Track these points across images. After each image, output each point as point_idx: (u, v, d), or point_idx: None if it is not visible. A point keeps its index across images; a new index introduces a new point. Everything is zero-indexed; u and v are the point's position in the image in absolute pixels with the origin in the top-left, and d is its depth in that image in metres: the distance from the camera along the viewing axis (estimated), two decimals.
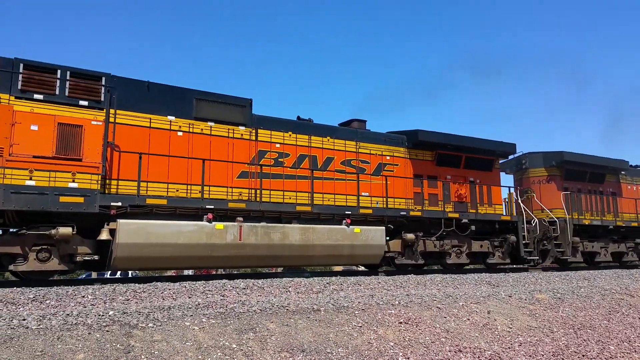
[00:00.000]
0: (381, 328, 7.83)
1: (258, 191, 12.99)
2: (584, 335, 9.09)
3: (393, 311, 8.59)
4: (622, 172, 22.27)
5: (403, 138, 16.24)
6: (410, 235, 14.96)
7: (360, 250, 13.80)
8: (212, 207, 11.99)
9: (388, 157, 15.74)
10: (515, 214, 17.59)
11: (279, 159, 13.73)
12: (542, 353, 8.03)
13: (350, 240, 13.62)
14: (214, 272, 18.92)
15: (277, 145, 13.81)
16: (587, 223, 19.57)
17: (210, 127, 12.80)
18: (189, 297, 8.84)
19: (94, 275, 19.48)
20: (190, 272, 19.60)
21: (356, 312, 8.32)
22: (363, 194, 14.72)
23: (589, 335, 9.13)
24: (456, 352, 7.50)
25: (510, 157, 19.09)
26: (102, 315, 6.94)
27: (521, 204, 18.24)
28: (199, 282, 10.47)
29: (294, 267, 16.83)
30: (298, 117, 14.87)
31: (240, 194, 12.88)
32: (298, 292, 9.97)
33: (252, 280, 11.02)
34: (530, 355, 7.87)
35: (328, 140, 14.72)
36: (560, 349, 8.32)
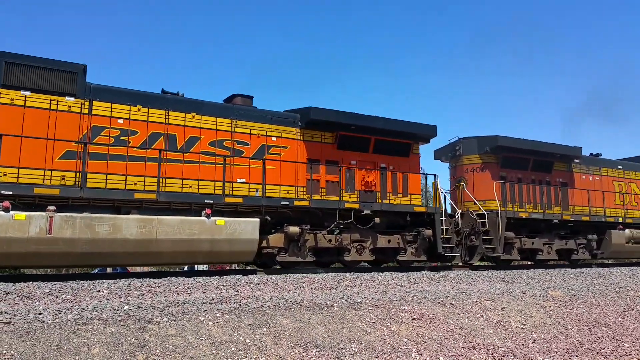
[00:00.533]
0: (394, 324, 7.83)
1: (89, 175, 11.09)
2: (599, 333, 9.01)
3: (406, 307, 8.58)
4: (576, 160, 19.65)
5: (296, 117, 14.16)
6: (294, 229, 13.01)
7: (224, 245, 11.81)
8: (10, 192, 10.12)
9: (274, 139, 13.65)
10: (437, 205, 15.71)
11: (122, 138, 11.73)
12: (556, 350, 7.98)
13: (210, 234, 11.62)
14: (228, 268, 18.96)
15: (120, 121, 11.77)
16: (524, 216, 17.34)
17: (25, 97, 10.83)
18: (203, 292, 8.90)
19: (108, 270, 19.64)
20: (204, 267, 19.52)
21: (369, 308, 8.32)
22: (238, 180, 12.80)
23: (604, 333, 9.05)
24: (470, 349, 7.48)
25: (433, 140, 16.61)
26: (117, 310, 7.02)
27: (441, 193, 16.18)
28: (213, 277, 10.55)
29: (133, 266, 14.82)
30: (163, 90, 12.90)
31: (64, 178, 10.92)
32: (311, 288, 9.99)
33: (266, 275, 11.08)
34: (544, 352, 7.82)
35: (193, 117, 12.63)
36: (574, 346, 8.26)
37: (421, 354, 7.05)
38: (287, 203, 13.14)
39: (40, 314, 6.62)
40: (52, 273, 14.89)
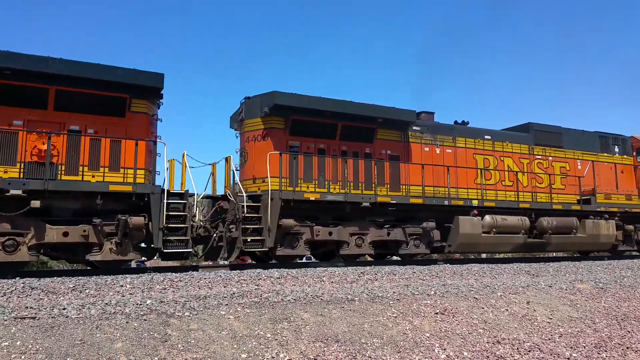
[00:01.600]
0: (417, 318, 7.73)
1: None
2: (628, 327, 8.77)
3: (429, 301, 8.48)
4: (415, 128, 15.37)
5: None
6: None
7: None
8: None
9: None
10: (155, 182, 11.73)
11: None
12: (584, 345, 7.79)
13: None
14: (249, 262, 19.05)
15: None
16: (313, 198, 12.94)
17: None
18: (224, 286, 8.92)
19: (132, 264, 19.90)
20: (225, 262, 19.55)
21: (391, 302, 8.24)
22: None
23: (634, 327, 8.81)
24: (494, 344, 7.34)
25: (159, 98, 12.23)
26: (140, 304, 7.07)
27: (165, 166, 11.94)
28: (234, 271, 10.58)
29: None
30: None
31: None
32: (332, 282, 9.95)
33: (286, 269, 11.05)
34: (571, 347, 7.64)
35: None
36: (603, 340, 8.06)
37: (444, 349, 6.95)
38: None
39: (64, 309, 6.71)
40: (77, 268, 15.13)
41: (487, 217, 15.31)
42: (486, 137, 16.83)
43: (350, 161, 14.00)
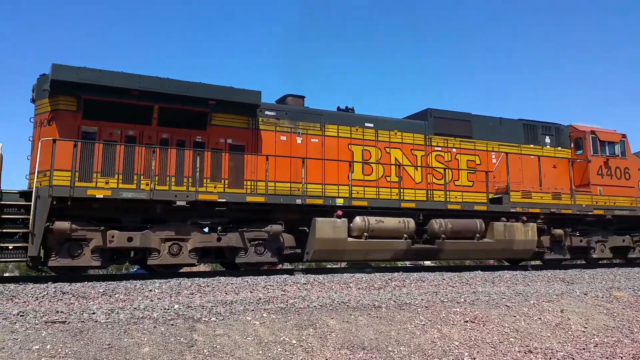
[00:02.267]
0: (445, 326, 7.57)
1: None
2: None
3: (458, 309, 8.30)
4: (269, 113, 13.04)
5: None
6: None
7: None
8: None
9: None
10: None
11: None
12: (621, 355, 7.50)
13: None
14: (279, 267, 19.03)
15: None
16: (101, 195, 10.55)
17: None
18: (251, 292, 8.93)
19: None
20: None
21: (419, 309, 8.10)
22: None
23: None
24: (526, 353, 7.14)
25: None
26: (168, 309, 7.14)
27: None
28: (261, 277, 10.59)
29: None
30: None
31: None
32: (359, 288, 9.85)
33: (313, 275, 11.01)
34: (607, 357, 7.37)
35: None
36: None
37: (474, 358, 6.78)
38: None
39: (93, 313, 6.81)
40: (108, 273, 15.41)
41: (357, 219, 12.79)
42: (367, 124, 14.25)
43: (172, 151, 11.64)
